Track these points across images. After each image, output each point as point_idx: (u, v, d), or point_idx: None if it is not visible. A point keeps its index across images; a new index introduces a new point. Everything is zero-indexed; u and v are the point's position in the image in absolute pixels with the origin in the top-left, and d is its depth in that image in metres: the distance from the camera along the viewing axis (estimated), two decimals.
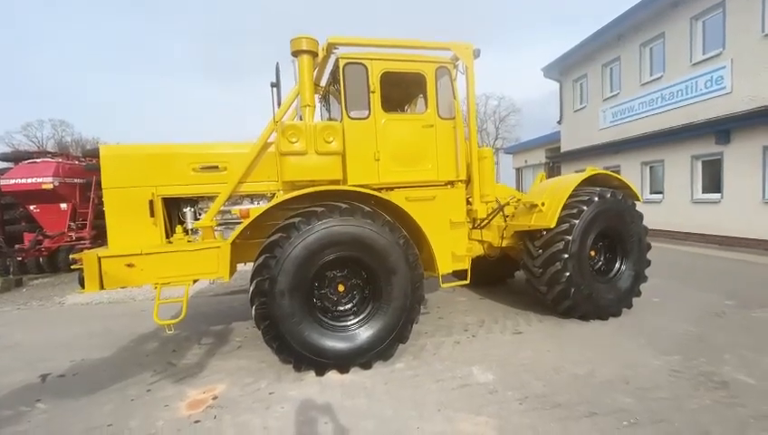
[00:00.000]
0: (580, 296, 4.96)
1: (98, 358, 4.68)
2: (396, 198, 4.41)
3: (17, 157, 11.84)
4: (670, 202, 12.72)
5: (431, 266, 4.57)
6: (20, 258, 10.32)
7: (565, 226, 4.91)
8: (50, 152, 13.34)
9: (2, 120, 62.89)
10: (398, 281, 4.03)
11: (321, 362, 3.88)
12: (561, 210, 4.91)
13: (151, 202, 4.16)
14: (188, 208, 4.57)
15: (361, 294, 4.25)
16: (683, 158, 12.14)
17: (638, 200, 5.75)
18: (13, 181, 10.31)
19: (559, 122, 19.32)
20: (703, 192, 11.77)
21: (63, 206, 10.86)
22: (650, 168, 13.92)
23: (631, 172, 14.18)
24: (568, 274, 4.87)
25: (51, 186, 10.28)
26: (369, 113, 4.43)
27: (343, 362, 3.92)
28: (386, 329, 4.04)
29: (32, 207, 10.79)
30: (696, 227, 11.69)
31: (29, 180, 10.31)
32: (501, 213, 5.54)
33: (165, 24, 75.65)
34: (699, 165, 11.83)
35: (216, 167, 4.39)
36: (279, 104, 4.31)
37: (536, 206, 5.06)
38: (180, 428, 3.11)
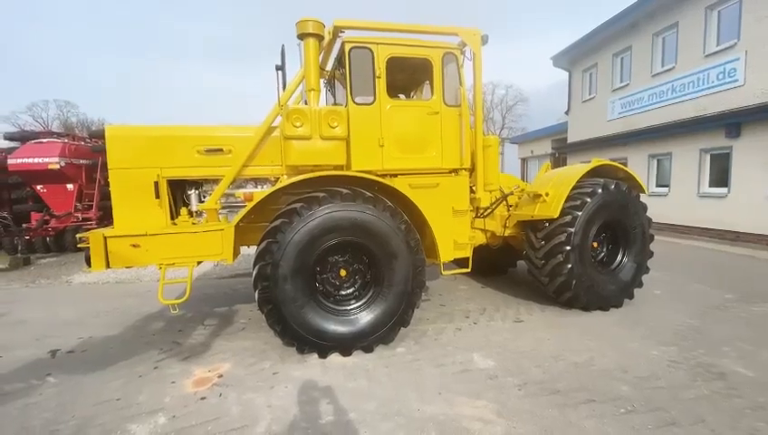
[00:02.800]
0: (582, 288, 4.98)
1: (106, 336, 4.77)
2: (399, 184, 4.41)
3: (23, 136, 11.89)
4: (676, 195, 12.63)
5: (433, 253, 4.59)
6: (27, 237, 10.44)
7: (568, 217, 4.90)
8: (55, 132, 13.38)
9: (8, 100, 62.96)
10: (399, 266, 4.06)
11: (322, 344, 3.94)
12: (565, 201, 4.91)
13: (156, 184, 4.19)
14: (193, 191, 4.60)
15: (363, 278, 4.28)
16: (691, 151, 12.01)
17: (643, 192, 5.72)
18: (20, 161, 10.37)
19: (566, 113, 19.10)
20: (709, 186, 11.68)
21: (70, 186, 10.93)
22: (657, 160, 13.79)
23: (638, 165, 14.06)
24: (570, 266, 4.88)
25: (57, 166, 10.33)
26: (375, 99, 4.39)
27: (345, 345, 3.98)
28: (387, 313, 4.08)
29: (38, 187, 10.87)
30: (701, 222, 11.63)
31: (35, 160, 10.36)
32: (504, 202, 5.54)
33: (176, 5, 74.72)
34: (708, 159, 11.71)
35: (221, 150, 4.39)
36: (284, 87, 4.28)
37: (540, 196, 5.04)
38: (187, 404, 3.20)
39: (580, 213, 4.92)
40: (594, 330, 4.58)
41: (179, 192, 4.64)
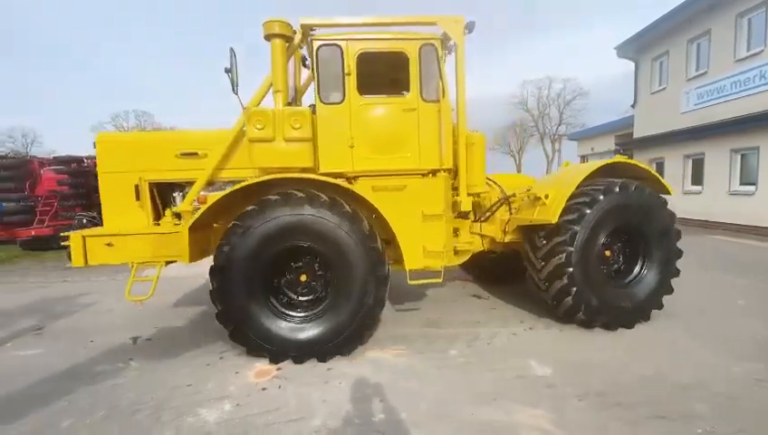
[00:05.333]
0: (592, 309, 4.41)
1: (179, 326, 5.22)
2: (361, 187, 4.18)
3: (68, 160, 12.86)
4: (765, 194, 11.27)
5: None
6: None
7: (569, 226, 4.33)
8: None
9: (95, 111, 70.84)
10: (355, 277, 3.88)
11: (269, 349, 3.90)
12: (568, 204, 4.36)
13: (137, 186, 4.36)
14: (177, 193, 4.71)
15: (321, 286, 4.17)
16: None
17: (669, 193, 4.99)
18: None
19: (633, 106, 17.77)
20: None
21: None
22: (741, 156, 12.40)
23: (719, 160, 12.75)
24: (575, 289, 4.34)
25: None
26: (344, 97, 4.19)
27: (285, 352, 3.91)
28: (337, 328, 3.92)
29: None
30: None
31: None
32: (507, 205, 5.09)
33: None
34: None
35: (196, 153, 4.43)
36: (234, 89, 4.16)
37: (540, 198, 4.52)
38: (249, 393, 3.41)
39: (580, 223, 4.31)
40: (662, 340, 4.23)
41: (169, 194, 4.73)
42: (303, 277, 4.16)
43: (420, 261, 4.34)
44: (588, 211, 4.36)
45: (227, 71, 4.10)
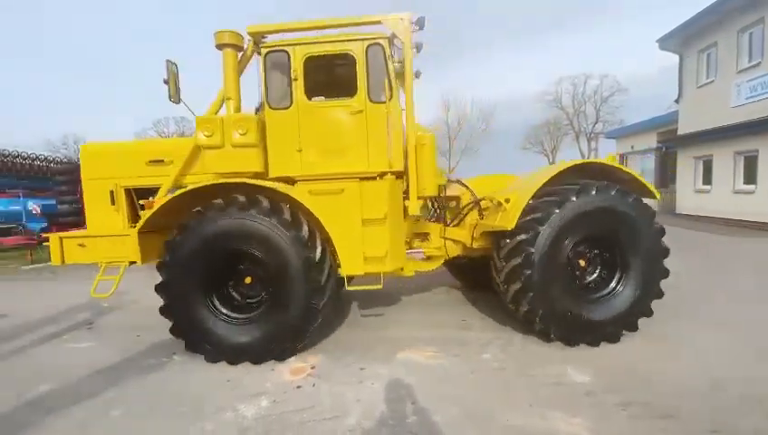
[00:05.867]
0: (550, 318, 4.10)
1: None
2: (298, 191, 4.18)
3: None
4: None
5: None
6: None
7: (527, 234, 4.05)
8: None
9: (140, 118, 74.86)
10: (290, 284, 3.90)
11: (206, 347, 4.04)
12: (529, 209, 4.10)
13: (112, 192, 4.58)
14: (151, 198, 4.77)
15: (261, 290, 4.24)
16: None
17: (654, 198, 4.65)
18: None
19: (677, 101, 16.86)
20: None
21: None
22: None
23: None
24: (531, 294, 4.07)
25: None
26: (292, 102, 4.24)
27: (221, 351, 4.02)
28: (270, 333, 3.97)
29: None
30: None
31: None
32: (478, 210, 4.90)
33: None
34: None
35: (162, 160, 4.58)
36: (172, 100, 4.31)
37: (502, 203, 4.32)
38: (285, 390, 3.49)
39: (542, 226, 4.01)
40: (714, 348, 3.98)
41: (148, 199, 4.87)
42: (248, 280, 4.26)
43: (360, 267, 4.23)
44: (556, 211, 4.04)
45: (165, 82, 4.24)
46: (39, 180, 15.66)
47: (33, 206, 14.27)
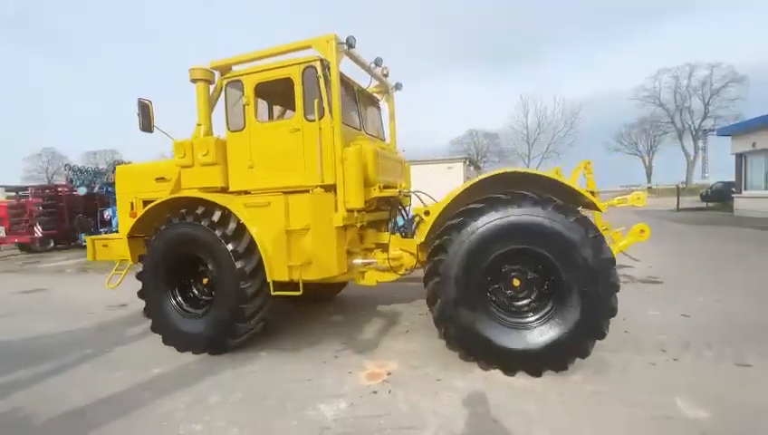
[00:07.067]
0: (456, 333, 3.87)
1: (301, 322, 5.72)
2: (235, 204, 4.58)
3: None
4: None
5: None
6: None
7: (440, 249, 3.89)
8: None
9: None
10: (224, 288, 4.44)
11: (176, 341, 4.75)
12: (444, 223, 3.95)
13: (132, 203, 5.47)
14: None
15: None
16: None
17: (599, 210, 4.04)
18: None
19: None
20: None
21: None
22: None
23: None
24: (439, 300, 3.89)
25: None
26: (245, 125, 4.73)
27: (184, 345, 4.71)
28: (208, 327, 4.55)
29: None
30: None
31: None
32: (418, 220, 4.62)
33: None
34: None
35: (164, 178, 5.31)
36: (144, 130, 4.89)
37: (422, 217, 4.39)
38: (362, 395, 3.54)
39: (461, 231, 3.79)
40: None
41: None
42: (205, 281, 4.93)
43: (284, 273, 4.44)
44: (473, 222, 3.79)
45: (138, 115, 4.85)
46: None
47: None
